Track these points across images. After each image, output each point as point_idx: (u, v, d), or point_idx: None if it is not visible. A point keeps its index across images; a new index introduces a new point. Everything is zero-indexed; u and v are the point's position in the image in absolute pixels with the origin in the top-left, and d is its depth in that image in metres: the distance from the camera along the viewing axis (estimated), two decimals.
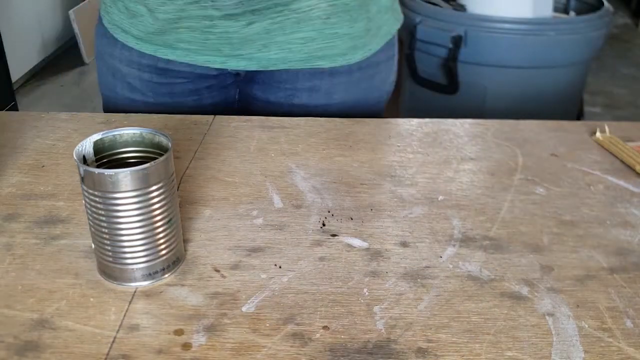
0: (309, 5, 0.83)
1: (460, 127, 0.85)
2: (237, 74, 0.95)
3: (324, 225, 0.64)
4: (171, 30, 0.86)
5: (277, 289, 0.55)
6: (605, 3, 2.11)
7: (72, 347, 0.49)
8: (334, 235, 0.63)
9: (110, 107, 1.00)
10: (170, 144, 0.54)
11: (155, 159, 0.52)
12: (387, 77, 0.99)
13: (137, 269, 0.55)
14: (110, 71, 0.96)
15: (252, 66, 0.89)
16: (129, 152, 0.58)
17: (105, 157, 0.57)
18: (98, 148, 0.57)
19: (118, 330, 0.51)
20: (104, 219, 0.53)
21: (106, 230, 0.53)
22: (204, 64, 0.90)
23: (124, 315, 0.52)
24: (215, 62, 0.89)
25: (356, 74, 0.93)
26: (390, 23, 0.96)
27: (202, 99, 0.96)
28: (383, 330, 0.51)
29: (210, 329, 0.51)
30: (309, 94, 0.93)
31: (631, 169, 0.75)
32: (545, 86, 2.03)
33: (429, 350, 0.49)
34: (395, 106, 2.25)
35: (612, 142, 0.80)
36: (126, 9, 0.88)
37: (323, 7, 0.84)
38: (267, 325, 0.51)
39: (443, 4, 2.06)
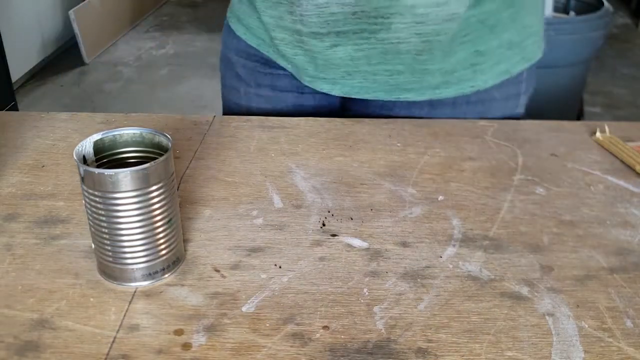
0: (398, 38, 0.77)
1: (460, 127, 0.85)
2: None
3: (324, 225, 0.64)
4: (273, 36, 0.85)
5: (277, 289, 0.55)
6: (605, 3, 2.11)
7: (72, 347, 0.49)
8: (334, 235, 0.63)
9: (224, 101, 1.01)
10: (170, 144, 0.54)
11: (155, 159, 0.52)
12: (505, 116, 0.90)
13: (137, 269, 0.55)
14: (224, 62, 0.98)
15: (335, 91, 0.86)
16: (129, 152, 0.58)
17: (105, 157, 0.57)
18: (98, 148, 0.57)
19: (118, 330, 0.51)
20: (104, 219, 0.53)
21: (106, 230, 0.53)
22: (296, 75, 0.90)
23: (124, 315, 0.52)
24: (304, 79, 0.88)
25: (462, 107, 0.86)
26: (514, 61, 0.86)
27: (303, 97, 0.94)
28: (383, 330, 0.51)
29: (210, 329, 0.51)
30: None
31: (631, 169, 0.75)
32: (545, 86, 2.03)
33: (429, 350, 0.49)
34: None
35: (612, 142, 0.80)
36: None
37: (414, 42, 0.77)
38: (267, 325, 0.51)
39: None
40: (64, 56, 3.46)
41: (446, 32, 0.77)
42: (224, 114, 1.00)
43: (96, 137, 0.56)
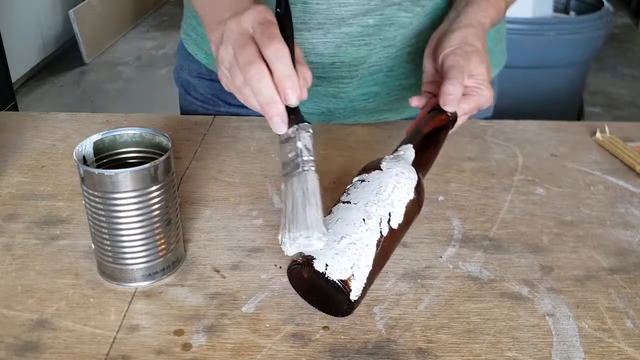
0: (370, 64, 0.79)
1: (460, 127, 0.85)
2: None
3: None
4: None
5: (277, 289, 0.55)
6: (605, 3, 2.11)
7: (72, 347, 0.49)
8: None
9: (183, 112, 0.95)
10: (170, 144, 0.54)
11: (155, 159, 0.52)
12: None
13: (137, 269, 0.55)
14: (182, 82, 0.93)
15: (314, 119, 0.84)
16: (129, 152, 0.58)
17: (105, 157, 0.57)
18: (98, 148, 0.56)
19: (118, 330, 0.51)
20: (104, 219, 0.52)
21: (106, 230, 0.53)
22: None
23: (124, 316, 0.52)
24: None
25: None
26: None
27: None
28: (383, 331, 0.51)
29: (210, 329, 0.51)
30: None
31: (631, 169, 0.75)
32: (545, 86, 2.03)
33: (429, 350, 0.49)
34: None
35: (612, 142, 0.80)
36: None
37: (384, 62, 0.79)
38: (267, 325, 0.51)
39: None
40: (64, 56, 3.46)
41: (411, 45, 0.80)
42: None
43: (96, 137, 0.56)
